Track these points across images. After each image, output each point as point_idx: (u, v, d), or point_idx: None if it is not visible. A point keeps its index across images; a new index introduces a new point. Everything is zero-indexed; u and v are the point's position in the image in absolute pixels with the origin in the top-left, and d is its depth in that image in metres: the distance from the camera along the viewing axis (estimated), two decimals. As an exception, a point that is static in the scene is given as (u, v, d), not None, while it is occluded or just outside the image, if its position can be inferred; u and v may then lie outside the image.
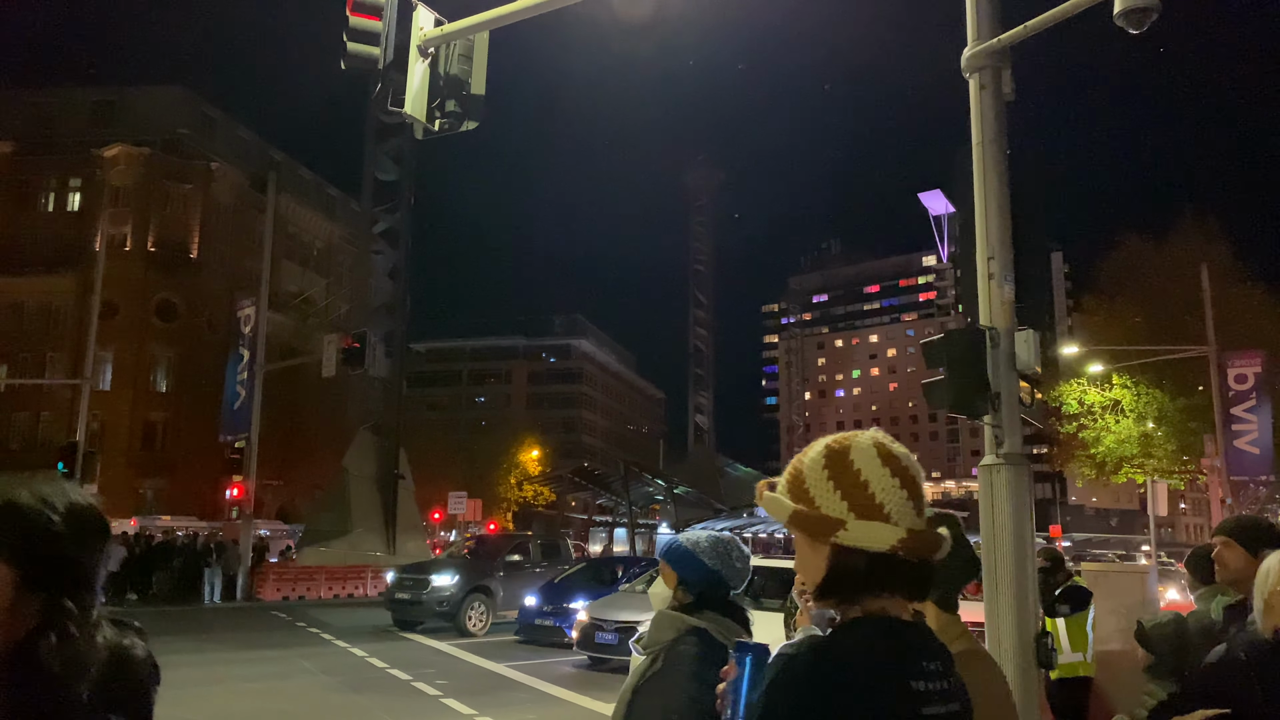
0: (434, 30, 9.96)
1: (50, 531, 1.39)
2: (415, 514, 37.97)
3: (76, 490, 1.49)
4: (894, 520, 1.46)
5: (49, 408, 49.69)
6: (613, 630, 14.63)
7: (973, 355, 6.55)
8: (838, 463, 1.51)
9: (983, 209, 7.01)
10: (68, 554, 1.41)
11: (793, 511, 1.50)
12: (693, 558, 2.87)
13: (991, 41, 7.03)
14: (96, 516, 1.47)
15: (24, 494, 1.41)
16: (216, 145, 55.79)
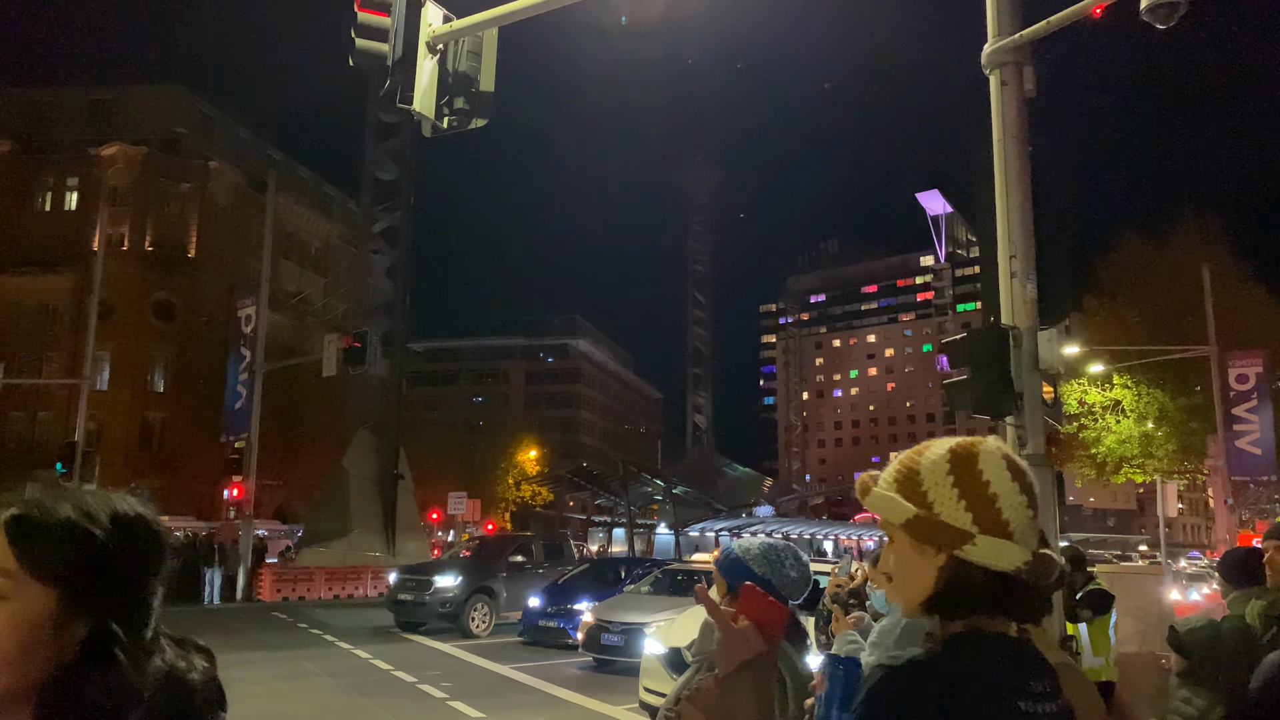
0: (443, 27, 9.86)
1: (94, 547, 1.26)
2: (415, 514, 37.86)
3: (124, 499, 1.34)
4: (1018, 539, 1.36)
5: (46, 407, 49.49)
6: (618, 632, 14.54)
7: (997, 355, 6.46)
8: (964, 469, 1.40)
9: (1004, 207, 6.92)
10: (114, 571, 1.27)
11: (914, 515, 1.38)
12: (741, 565, 2.77)
13: (1013, 37, 6.95)
14: (147, 527, 1.33)
15: (64, 506, 1.27)
16: (214, 144, 55.58)
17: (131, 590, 1.29)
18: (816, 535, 69.55)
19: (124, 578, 1.28)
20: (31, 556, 1.23)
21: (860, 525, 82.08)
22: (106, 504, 1.31)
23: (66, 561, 1.24)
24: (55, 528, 1.25)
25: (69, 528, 1.26)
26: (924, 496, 1.39)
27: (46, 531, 1.25)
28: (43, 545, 1.24)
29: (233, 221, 54.64)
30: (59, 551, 1.24)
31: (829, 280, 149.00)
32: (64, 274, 50.23)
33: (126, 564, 1.29)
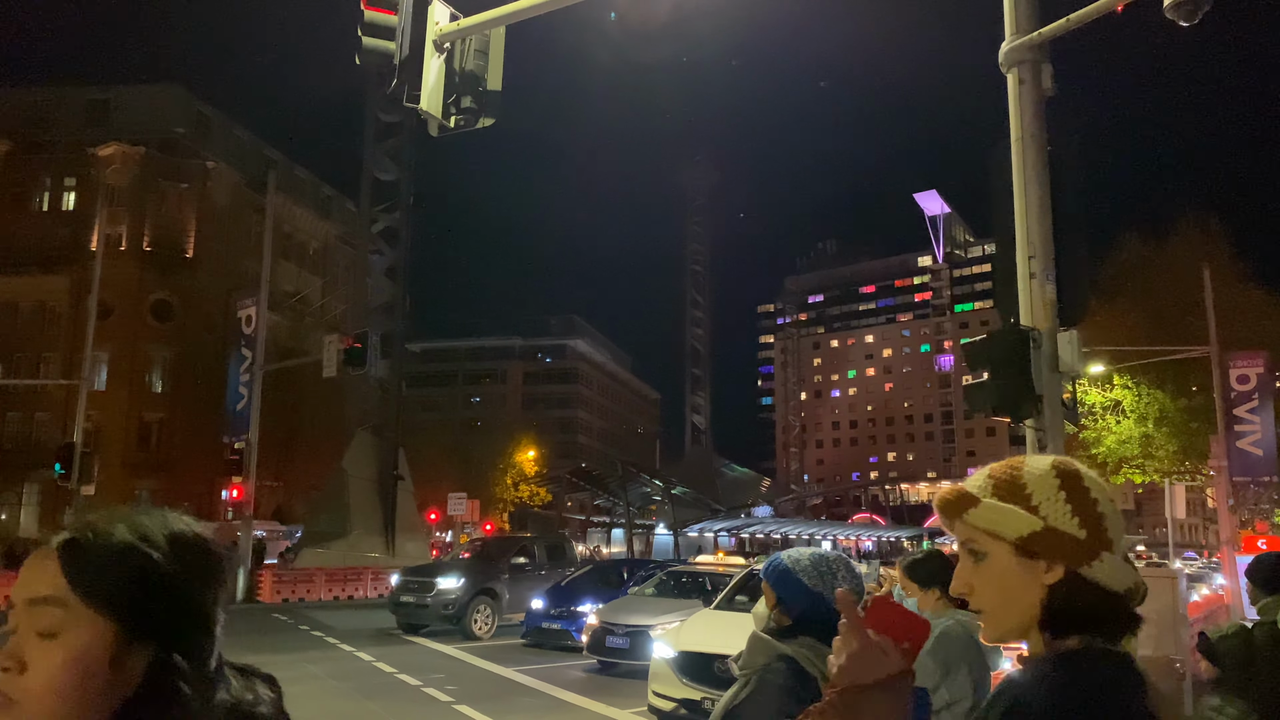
0: (450, 25, 9.78)
1: (152, 572, 1.15)
2: (414, 515, 37.77)
3: (180, 519, 1.24)
4: (1125, 559, 1.32)
5: (43, 408, 49.36)
6: (623, 635, 14.45)
7: (1017, 357, 6.39)
8: (1073, 484, 1.34)
9: (1022, 206, 6.85)
10: (174, 597, 1.16)
11: (1042, 528, 1.31)
12: (791, 577, 2.67)
13: (1031, 35, 6.88)
14: (207, 548, 1.23)
15: (118, 529, 1.17)
16: (212, 145, 55.46)
17: (193, 617, 1.18)
18: (815, 535, 69.56)
19: (184, 604, 1.18)
20: (86, 584, 1.13)
21: (858, 525, 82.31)
22: (162, 524, 1.20)
23: (124, 588, 1.14)
24: (110, 552, 1.15)
25: (125, 552, 1.15)
26: (1036, 510, 1.33)
27: (101, 557, 1.15)
28: (98, 572, 1.14)
29: (231, 222, 54.54)
30: (115, 578, 1.14)
31: (827, 280, 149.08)
32: (61, 274, 50.13)
33: (187, 589, 1.18)
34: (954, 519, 1.38)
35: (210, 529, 1.26)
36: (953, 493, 1.40)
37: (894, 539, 78.29)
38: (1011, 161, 7.00)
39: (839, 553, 2.86)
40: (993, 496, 1.36)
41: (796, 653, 2.52)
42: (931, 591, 3.94)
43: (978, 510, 1.35)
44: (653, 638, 13.87)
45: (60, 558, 1.15)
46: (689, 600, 15.40)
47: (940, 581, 3.95)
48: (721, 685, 9.67)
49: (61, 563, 1.15)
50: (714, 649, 9.73)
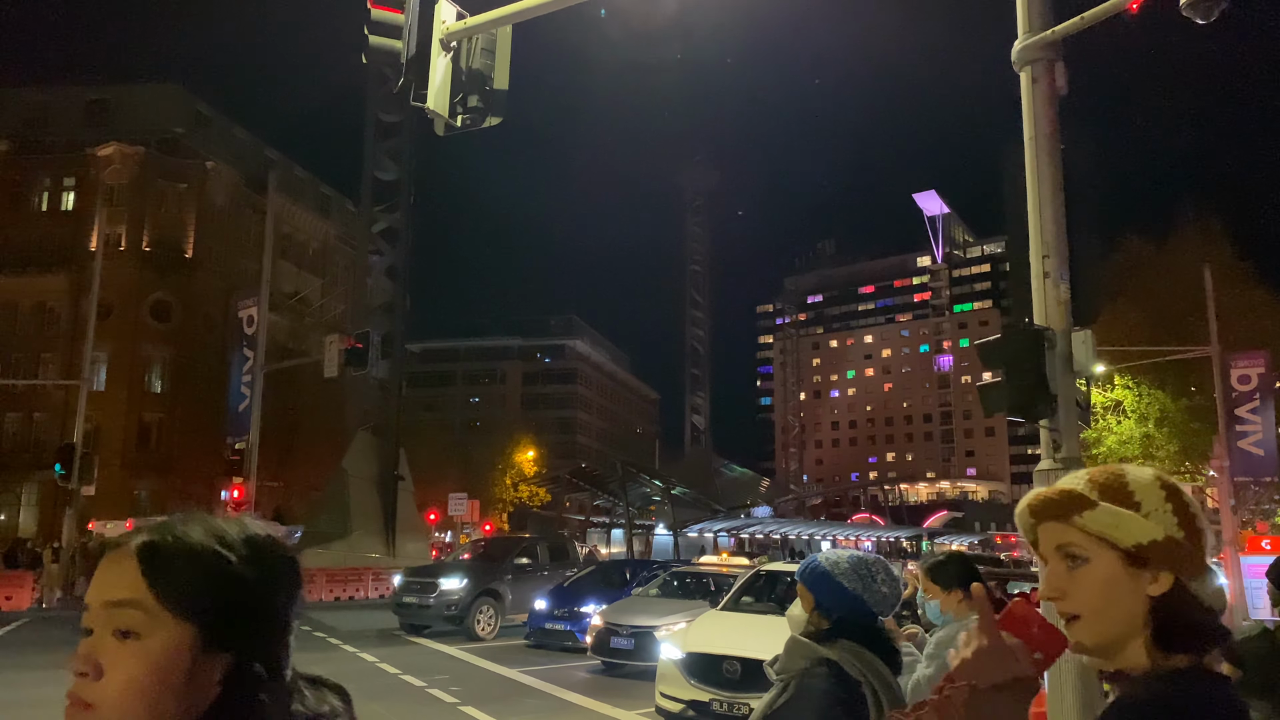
0: (456, 24, 9.74)
1: (231, 575, 1.11)
2: (415, 516, 37.71)
3: (254, 521, 1.20)
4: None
5: (42, 408, 49.30)
6: (628, 635, 14.41)
7: (1032, 357, 6.35)
8: (1176, 496, 1.31)
9: (1036, 205, 6.81)
10: (252, 602, 1.12)
11: (1164, 537, 1.27)
12: (830, 580, 2.63)
13: (1045, 34, 6.84)
14: (283, 551, 1.19)
15: (196, 531, 1.13)
16: (211, 144, 55.41)
17: (270, 624, 1.15)
18: (815, 536, 69.52)
19: (262, 610, 1.14)
20: (166, 587, 1.09)
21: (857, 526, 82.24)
22: (239, 527, 1.17)
23: (203, 592, 1.10)
24: (190, 555, 1.11)
25: (204, 555, 1.11)
26: (1146, 520, 1.30)
27: (181, 559, 1.11)
28: (178, 575, 1.10)
29: (230, 222, 54.51)
30: (195, 581, 1.10)
31: (826, 281, 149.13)
32: (60, 274, 50.11)
33: (264, 594, 1.14)
34: (1056, 520, 1.34)
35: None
36: (1060, 493, 1.35)
37: (893, 539, 78.27)
38: (1025, 160, 6.96)
39: (876, 556, 2.81)
40: (1102, 498, 1.33)
41: (840, 658, 2.48)
42: (954, 594, 3.88)
43: (1094, 513, 1.30)
44: (657, 639, 13.85)
45: (139, 559, 1.11)
46: (693, 601, 15.37)
47: (964, 584, 3.90)
48: (730, 687, 9.64)
49: (140, 565, 1.11)
50: (722, 650, 9.70)
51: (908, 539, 79.06)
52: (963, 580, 3.90)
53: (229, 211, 54.69)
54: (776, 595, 11.82)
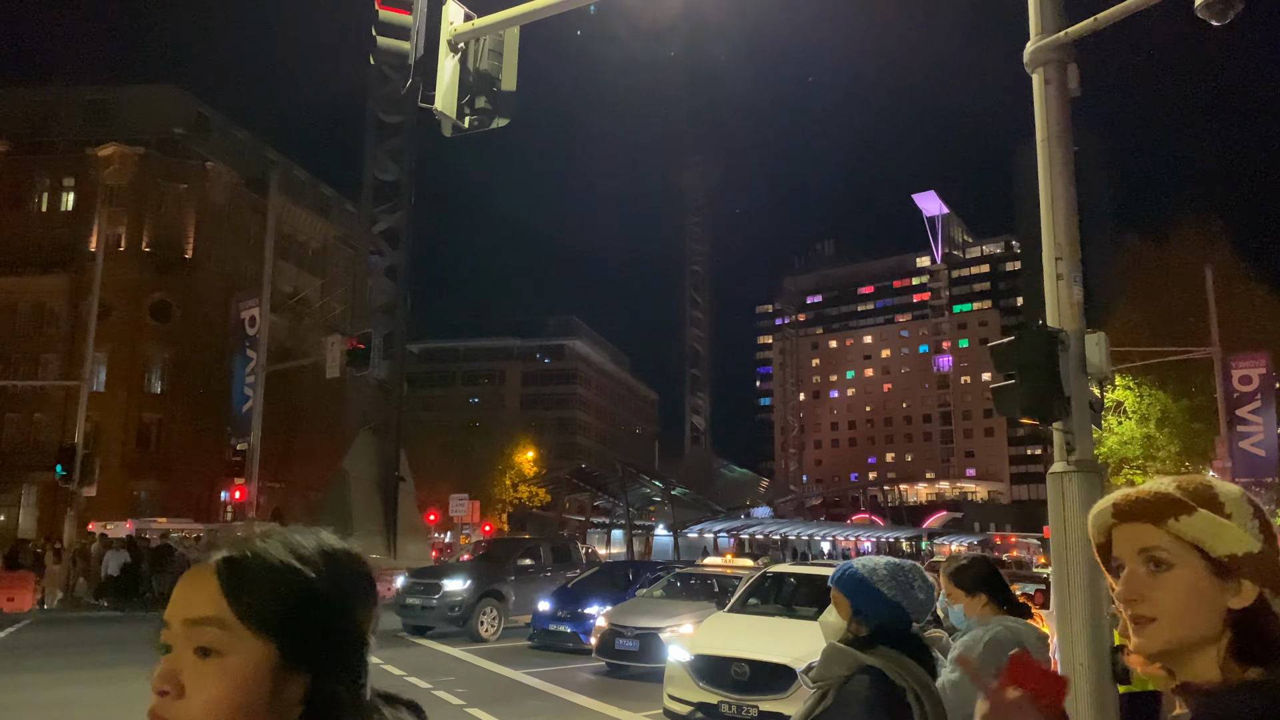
0: (464, 25, 9.73)
1: (310, 591, 1.09)
2: (416, 516, 37.68)
3: (329, 534, 1.17)
4: None
5: (42, 409, 49.24)
6: (633, 637, 14.40)
7: (1046, 359, 6.35)
8: (1261, 514, 1.31)
9: (1048, 207, 6.81)
10: (330, 619, 1.10)
11: (1259, 549, 1.26)
12: (869, 587, 2.62)
13: (1058, 35, 6.83)
14: (360, 565, 1.18)
15: (274, 546, 1.11)
16: (211, 145, 55.38)
17: (349, 641, 1.12)
18: (815, 536, 69.50)
19: (340, 627, 1.12)
20: (247, 604, 1.07)
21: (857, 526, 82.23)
22: (315, 541, 1.15)
23: (283, 609, 1.08)
24: (269, 571, 1.09)
25: (284, 571, 1.10)
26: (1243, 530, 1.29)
27: (261, 576, 1.09)
28: (258, 591, 1.08)
29: (230, 222, 54.45)
30: (275, 598, 1.08)
31: (825, 281, 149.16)
32: (60, 275, 50.05)
33: (342, 610, 1.12)
34: (1145, 522, 1.32)
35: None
36: (1154, 495, 1.32)
37: (892, 540, 78.25)
38: (1036, 162, 6.95)
39: (913, 562, 2.81)
40: (1198, 504, 1.32)
41: (883, 665, 2.47)
42: (978, 597, 3.85)
43: (1191, 519, 1.28)
44: (662, 640, 13.83)
45: (219, 576, 1.09)
46: (697, 602, 15.36)
47: (987, 587, 3.87)
48: (738, 689, 9.63)
49: (221, 582, 1.09)
50: (730, 652, 9.69)
51: (907, 539, 79.05)
52: (986, 584, 3.87)
53: (229, 212, 54.64)
54: (783, 597, 11.81)
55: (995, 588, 3.89)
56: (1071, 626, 6.24)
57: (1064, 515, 6.39)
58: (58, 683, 13.30)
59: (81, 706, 11.80)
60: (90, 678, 13.69)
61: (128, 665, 15.16)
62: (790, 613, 11.16)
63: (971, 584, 3.90)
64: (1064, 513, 6.39)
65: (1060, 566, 6.32)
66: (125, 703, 12.09)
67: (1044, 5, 7.00)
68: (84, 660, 15.51)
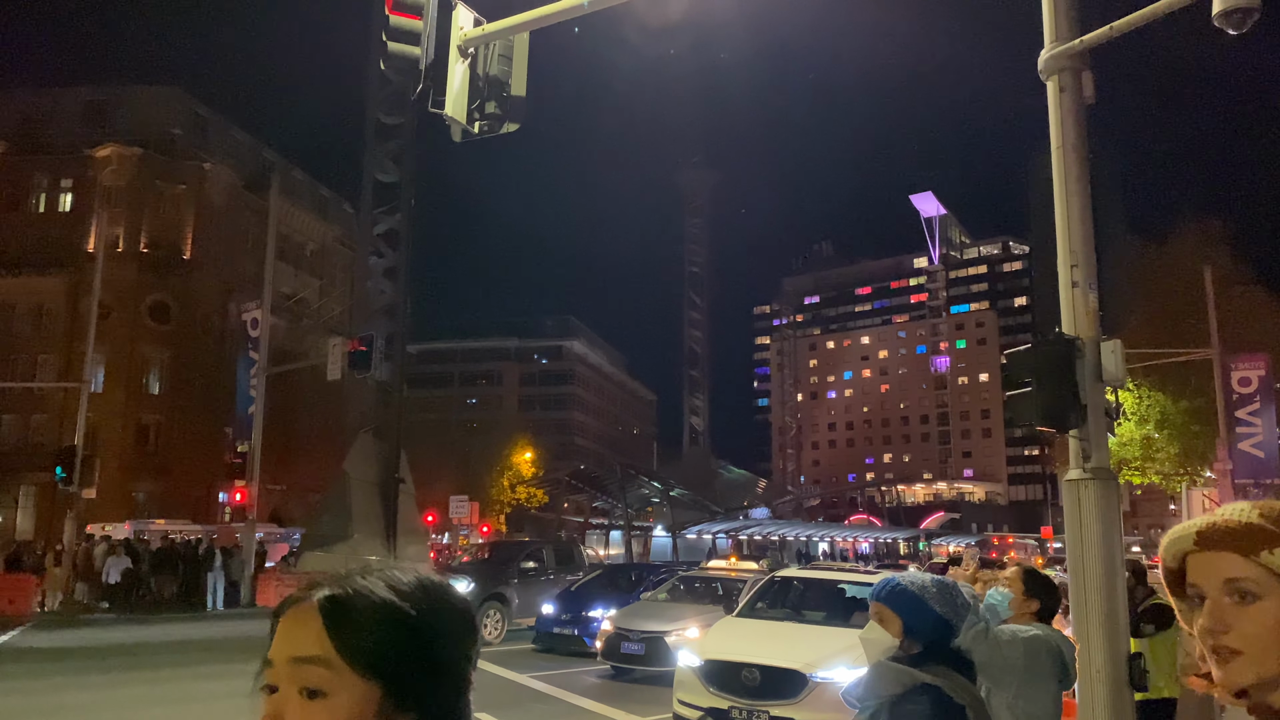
0: (474, 30, 9.73)
1: (413, 629, 1.06)
2: (416, 518, 37.54)
3: (426, 572, 1.16)
4: None
5: (40, 410, 49.13)
6: (638, 640, 14.39)
7: (1063, 367, 6.35)
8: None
9: (1064, 215, 6.82)
10: (434, 659, 1.08)
11: None
12: (921, 603, 2.61)
13: (1073, 43, 6.84)
14: (459, 604, 1.15)
15: (376, 583, 1.09)
16: (209, 146, 55.27)
17: (451, 681, 1.11)
18: (814, 537, 69.59)
19: (444, 665, 1.10)
20: (351, 644, 1.05)
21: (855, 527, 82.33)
22: (414, 577, 1.13)
23: (387, 648, 1.06)
24: (372, 609, 1.07)
25: (387, 608, 1.08)
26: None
27: (365, 615, 1.07)
28: (362, 630, 1.06)
29: (228, 223, 54.35)
30: (379, 637, 1.06)
31: (823, 282, 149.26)
32: (58, 276, 49.90)
33: (445, 649, 1.10)
34: (1232, 552, 1.30)
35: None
36: (1242, 525, 1.30)
37: (890, 540, 78.36)
38: (1052, 170, 6.96)
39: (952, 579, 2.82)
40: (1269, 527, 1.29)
41: (943, 683, 2.47)
42: (1032, 602, 4.03)
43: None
44: (668, 644, 13.84)
45: (323, 614, 1.08)
46: (703, 605, 15.37)
47: (1044, 602, 4.04)
48: (749, 694, 9.63)
49: (325, 620, 1.07)
50: (741, 657, 9.68)
51: (905, 540, 79.15)
52: (1044, 599, 4.07)
53: (227, 213, 54.52)
54: (790, 601, 11.82)
55: (1049, 607, 4.08)
56: (1088, 633, 6.24)
57: (1080, 522, 6.40)
58: (61, 687, 13.26)
59: (84, 712, 11.76)
60: (92, 682, 13.66)
61: (130, 670, 15.15)
62: (799, 617, 11.17)
63: (1035, 590, 4.09)
64: (1080, 520, 6.40)
65: (1077, 573, 6.33)
66: (128, 707, 12.08)
67: (1058, 12, 7.00)
68: (86, 665, 15.47)
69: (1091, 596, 6.26)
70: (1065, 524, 6.52)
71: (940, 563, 41.50)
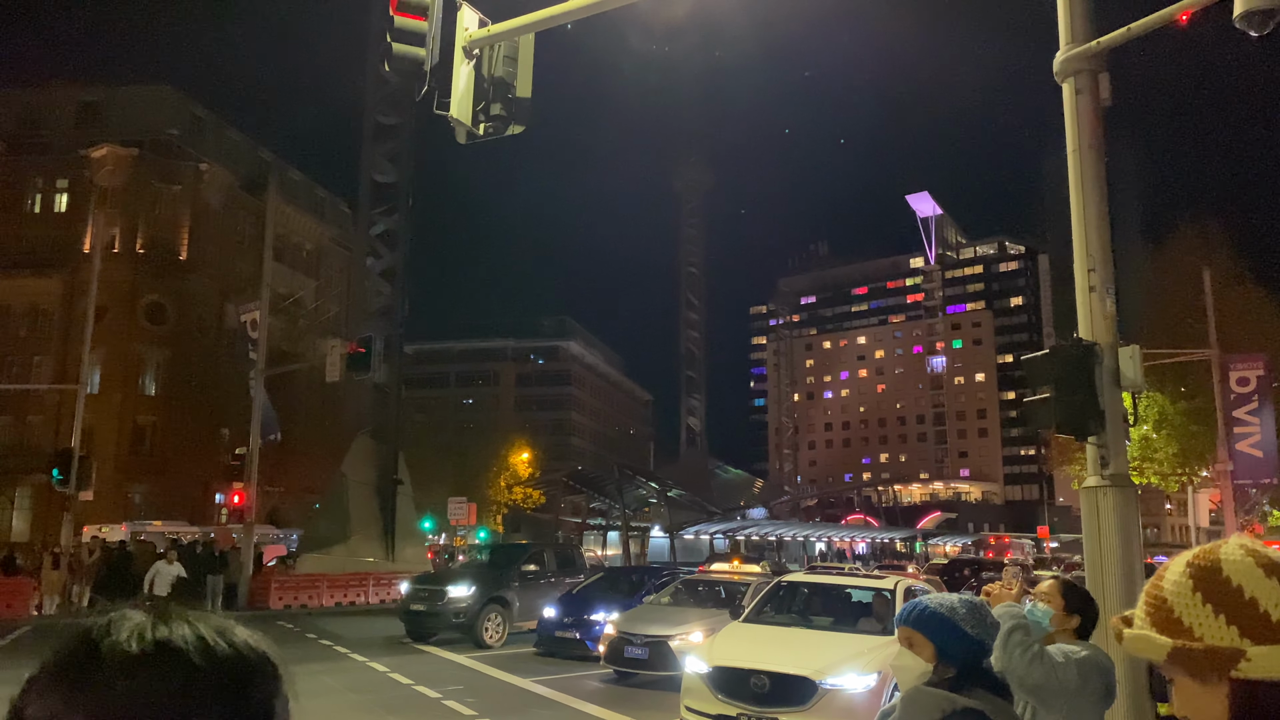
0: (479, 31, 9.64)
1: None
2: (414, 520, 37.46)
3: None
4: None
5: (36, 411, 48.89)
6: (642, 645, 14.30)
7: (1081, 373, 6.29)
8: (1210, 582, 1.23)
9: (1081, 218, 6.75)
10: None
11: (1171, 649, 1.21)
12: (953, 626, 2.54)
13: (1090, 45, 6.77)
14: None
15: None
16: (205, 146, 55.06)
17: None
18: (811, 537, 69.56)
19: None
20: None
21: (852, 527, 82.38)
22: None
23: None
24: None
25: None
26: (1179, 623, 1.22)
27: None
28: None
29: (224, 223, 54.19)
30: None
31: (819, 282, 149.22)
32: (53, 276, 49.68)
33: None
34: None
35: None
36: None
37: (887, 540, 78.38)
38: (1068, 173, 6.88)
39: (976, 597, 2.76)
40: (1147, 619, 1.28)
41: (984, 707, 2.39)
42: (1073, 618, 3.94)
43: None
44: (671, 648, 13.76)
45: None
46: (706, 609, 15.29)
47: (1085, 616, 3.98)
48: (758, 701, 9.55)
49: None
50: (750, 664, 9.61)
51: (902, 540, 79.18)
52: (1083, 611, 3.98)
53: (223, 213, 54.34)
54: (797, 607, 11.74)
55: (1089, 622, 4.01)
56: (1106, 643, 6.17)
57: (1099, 529, 6.33)
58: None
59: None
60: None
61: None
62: (807, 623, 11.09)
63: (1075, 605, 4.01)
64: (1099, 527, 6.33)
65: (1096, 581, 6.26)
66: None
67: (1074, 14, 6.93)
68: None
69: (1110, 604, 6.18)
70: (1083, 531, 6.45)
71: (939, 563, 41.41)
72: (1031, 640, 3.34)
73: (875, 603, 11.23)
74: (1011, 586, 3.76)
